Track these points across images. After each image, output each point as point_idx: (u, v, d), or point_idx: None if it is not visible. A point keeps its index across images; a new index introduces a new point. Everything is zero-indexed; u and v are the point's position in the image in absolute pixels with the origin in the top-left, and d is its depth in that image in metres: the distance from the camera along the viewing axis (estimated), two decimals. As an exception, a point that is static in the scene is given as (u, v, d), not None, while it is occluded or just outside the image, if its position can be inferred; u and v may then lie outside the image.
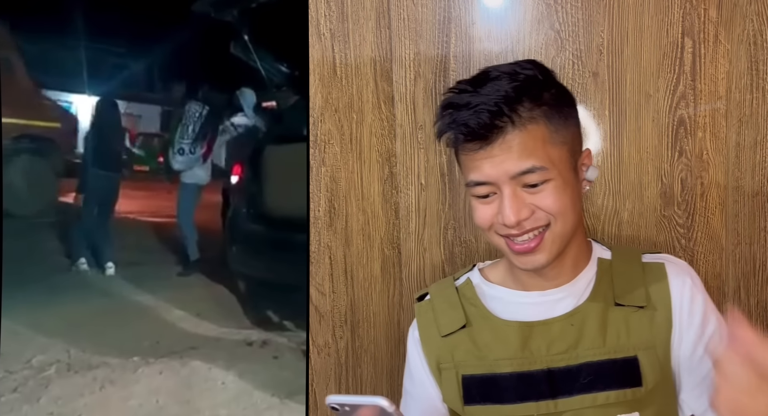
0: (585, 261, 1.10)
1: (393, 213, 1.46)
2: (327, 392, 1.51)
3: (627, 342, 1.03)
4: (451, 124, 0.99)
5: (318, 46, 1.46)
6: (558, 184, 0.98)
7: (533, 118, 0.97)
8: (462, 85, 1.01)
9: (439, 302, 1.15)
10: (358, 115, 1.45)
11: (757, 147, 1.31)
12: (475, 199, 1.03)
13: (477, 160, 0.99)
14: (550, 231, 1.00)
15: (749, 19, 1.30)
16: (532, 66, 1.01)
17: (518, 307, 1.09)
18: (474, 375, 1.08)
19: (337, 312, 1.50)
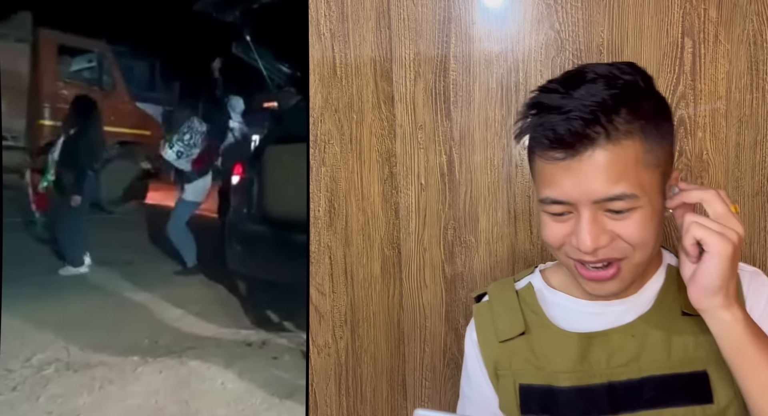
0: (654, 270, 1.03)
1: (393, 213, 1.45)
2: (327, 392, 1.51)
3: (695, 355, 0.96)
4: (537, 127, 0.89)
5: (318, 46, 1.46)
6: (646, 212, 0.89)
7: (630, 133, 0.87)
8: (553, 85, 0.90)
9: (498, 305, 1.09)
10: (358, 115, 1.45)
11: (757, 147, 1.31)
12: (546, 214, 0.94)
13: (557, 173, 0.89)
14: (628, 262, 0.92)
15: (749, 19, 1.30)
16: (633, 70, 0.91)
17: (579, 316, 1.03)
18: (532, 385, 1.02)
19: (337, 312, 1.50)
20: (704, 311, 0.90)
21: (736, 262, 0.88)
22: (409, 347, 1.49)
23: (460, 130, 1.42)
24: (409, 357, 1.49)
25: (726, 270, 0.87)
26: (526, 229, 1.41)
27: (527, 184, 1.40)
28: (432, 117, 1.43)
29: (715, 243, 0.86)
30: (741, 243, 0.88)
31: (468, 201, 1.43)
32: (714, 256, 0.86)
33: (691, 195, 0.92)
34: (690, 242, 0.89)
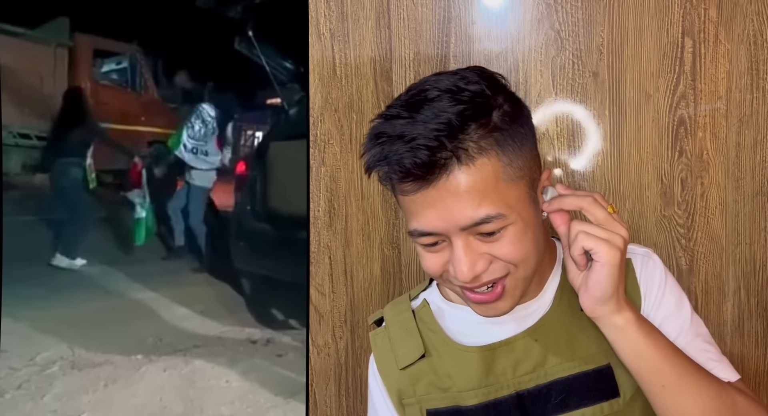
0: (550, 268, 1.01)
1: (393, 214, 1.46)
2: (327, 392, 1.52)
3: (598, 350, 0.95)
4: (382, 161, 0.84)
5: (318, 45, 1.46)
6: (518, 228, 0.85)
7: (483, 150, 0.82)
8: (395, 109, 0.85)
9: (395, 329, 1.05)
10: (358, 115, 1.45)
11: (758, 147, 1.30)
12: (419, 246, 0.90)
13: (418, 205, 0.85)
14: (512, 278, 0.89)
15: (749, 19, 1.30)
16: (478, 77, 0.87)
17: (481, 328, 0.99)
18: (439, 409, 0.99)
19: (337, 313, 1.50)
20: (597, 318, 0.89)
21: (623, 266, 0.87)
22: (409, 347, 1.48)
23: (460, 130, 1.42)
24: (409, 357, 1.48)
25: (616, 276, 0.86)
26: (525, 229, 1.40)
27: (527, 184, 1.39)
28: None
29: (603, 252, 0.85)
30: (626, 245, 0.87)
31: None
32: (604, 266, 0.85)
33: (568, 201, 0.90)
34: (578, 252, 0.87)
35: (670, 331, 0.93)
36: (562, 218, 0.91)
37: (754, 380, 1.33)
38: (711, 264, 1.34)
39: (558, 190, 0.92)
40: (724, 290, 1.33)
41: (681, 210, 1.34)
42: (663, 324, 0.94)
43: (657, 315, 0.95)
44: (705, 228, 1.33)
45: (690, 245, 1.34)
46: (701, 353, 0.93)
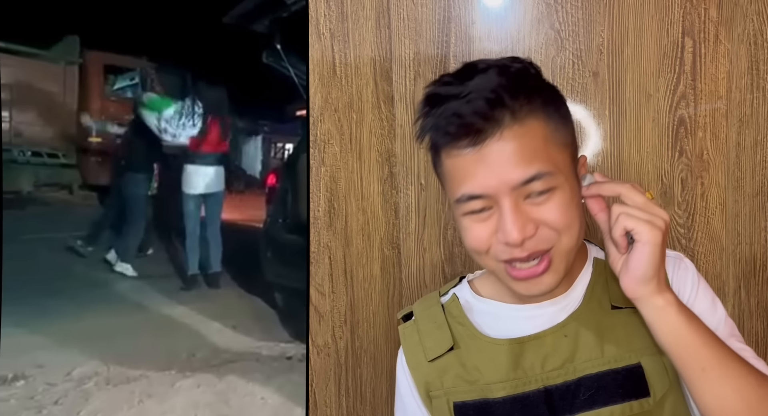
0: (581, 266, 1.01)
1: (393, 213, 1.45)
2: (327, 392, 1.51)
3: (628, 349, 0.95)
4: (439, 118, 0.86)
5: (318, 45, 1.46)
6: (565, 192, 0.87)
7: (533, 112, 0.86)
8: (446, 78, 0.89)
9: (424, 323, 1.05)
10: (358, 115, 1.45)
11: (757, 147, 1.30)
12: (466, 217, 0.90)
13: (469, 166, 0.86)
14: (557, 250, 0.89)
15: (749, 19, 1.30)
16: (521, 61, 0.91)
17: (511, 322, 1.00)
18: (466, 401, 0.98)
19: (337, 313, 1.49)
20: (638, 299, 0.88)
21: (664, 248, 0.88)
22: (409, 347, 1.48)
23: (460, 130, 1.42)
24: (409, 358, 1.48)
25: (658, 256, 0.86)
26: (526, 229, 1.40)
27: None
28: (432, 117, 1.43)
29: (645, 231, 0.85)
30: (668, 228, 0.87)
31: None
32: (646, 245, 0.85)
33: (607, 187, 0.91)
34: (620, 233, 0.87)
35: None
36: (599, 204, 0.93)
37: (754, 380, 1.33)
38: (711, 264, 1.34)
39: (596, 177, 0.94)
40: (724, 290, 1.33)
41: (681, 211, 1.34)
42: None
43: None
44: (705, 228, 1.33)
45: (690, 245, 1.34)
46: (738, 352, 0.90)
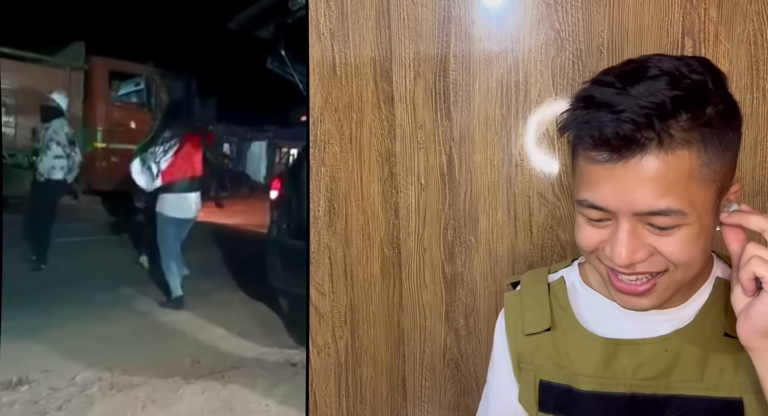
0: (701, 283, 0.94)
1: (393, 213, 1.45)
2: (327, 392, 1.51)
3: (732, 381, 0.89)
4: (584, 124, 0.80)
5: (318, 45, 1.46)
6: (693, 230, 0.80)
7: (687, 142, 0.77)
8: (609, 77, 0.81)
9: (528, 297, 1.03)
10: (358, 115, 1.45)
11: (757, 147, 1.30)
12: (582, 217, 0.86)
13: (599, 176, 0.80)
14: (667, 277, 0.84)
15: (749, 19, 1.30)
16: (704, 69, 0.81)
17: (611, 320, 0.96)
18: (552, 382, 0.98)
19: (337, 313, 1.49)
20: (752, 350, 0.82)
21: None
22: (409, 347, 1.48)
23: (460, 130, 1.42)
24: (409, 358, 1.48)
25: None
26: (526, 229, 1.40)
27: (527, 183, 1.39)
28: (432, 117, 1.43)
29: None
30: None
31: (468, 201, 1.43)
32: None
33: (752, 221, 0.83)
34: (748, 277, 0.80)
35: None
36: (736, 235, 0.85)
37: (754, 380, 1.33)
38: (711, 264, 1.33)
39: (742, 207, 0.86)
40: (724, 290, 1.33)
41: (681, 210, 1.33)
42: None
43: None
44: (705, 228, 1.33)
45: (690, 245, 1.34)
46: None
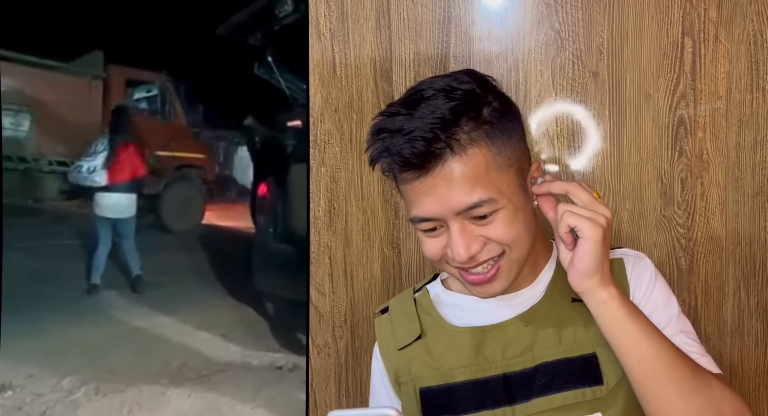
0: (544, 262, 1.08)
1: (393, 214, 1.45)
2: (327, 392, 1.51)
3: (585, 339, 1.01)
4: (384, 153, 0.93)
5: (318, 46, 1.46)
6: (508, 212, 0.93)
7: (474, 141, 0.91)
8: (394, 108, 0.95)
9: (397, 314, 1.13)
10: (358, 115, 1.45)
11: (757, 147, 1.30)
12: (420, 231, 0.98)
13: (417, 192, 0.93)
14: (506, 259, 0.97)
15: (749, 19, 1.30)
16: (470, 78, 0.96)
17: (476, 314, 1.06)
18: (431, 387, 1.05)
19: (337, 313, 1.50)
20: (583, 293, 0.95)
21: (607, 244, 0.94)
22: (409, 347, 1.48)
23: (460, 130, 1.42)
24: (409, 357, 1.48)
25: (599, 252, 0.92)
26: (526, 229, 1.41)
27: (527, 184, 1.40)
28: (432, 117, 1.43)
29: (587, 228, 0.92)
30: (610, 225, 0.94)
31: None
32: (587, 241, 0.92)
33: (556, 186, 0.98)
34: (564, 230, 0.95)
35: (655, 324, 0.97)
36: (550, 204, 1.00)
37: (754, 380, 1.33)
38: (711, 264, 1.34)
39: (546, 178, 1.01)
40: (724, 290, 1.33)
41: (681, 211, 1.34)
42: (649, 317, 0.98)
43: (644, 309, 0.99)
44: (705, 229, 1.33)
45: (690, 245, 1.34)
46: (684, 346, 0.97)
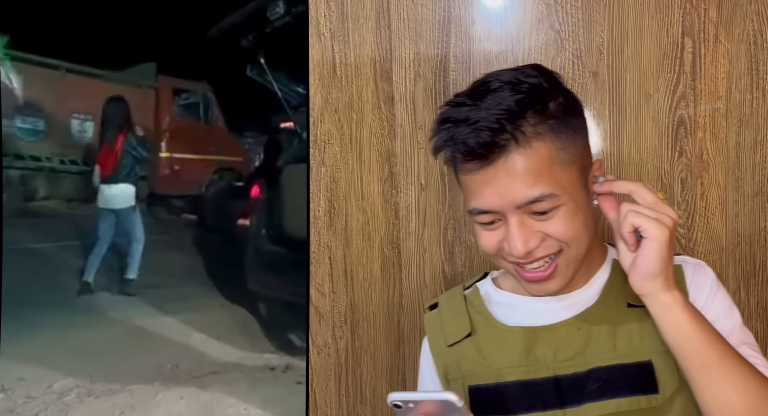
0: (599, 265, 1.05)
1: (393, 213, 1.45)
2: (327, 392, 1.51)
3: (640, 346, 0.97)
4: (449, 142, 0.91)
5: (318, 46, 1.46)
6: (569, 208, 0.91)
7: (539, 135, 0.89)
8: (461, 98, 0.93)
9: (447, 311, 1.11)
10: (358, 115, 1.45)
11: (757, 147, 1.31)
12: (477, 224, 0.96)
13: (478, 184, 0.91)
14: (564, 257, 0.94)
15: (749, 19, 1.30)
16: (537, 72, 0.94)
17: (527, 314, 1.04)
18: (480, 385, 1.03)
19: (337, 313, 1.49)
20: (645, 295, 0.92)
21: (672, 246, 0.90)
22: (409, 347, 1.48)
23: (460, 130, 1.42)
24: (409, 357, 1.48)
25: (665, 254, 0.89)
26: (526, 229, 1.41)
27: (527, 184, 1.40)
28: (432, 117, 1.43)
29: (652, 228, 0.88)
30: (676, 227, 0.90)
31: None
32: (653, 241, 0.88)
33: (619, 185, 0.95)
34: (628, 230, 0.91)
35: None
36: (611, 204, 0.96)
37: (754, 380, 1.33)
38: (711, 264, 1.32)
39: (608, 177, 0.98)
40: (724, 290, 1.33)
41: (681, 211, 1.34)
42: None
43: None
44: (705, 229, 1.33)
45: (690, 245, 1.34)
46: (749, 358, 0.92)
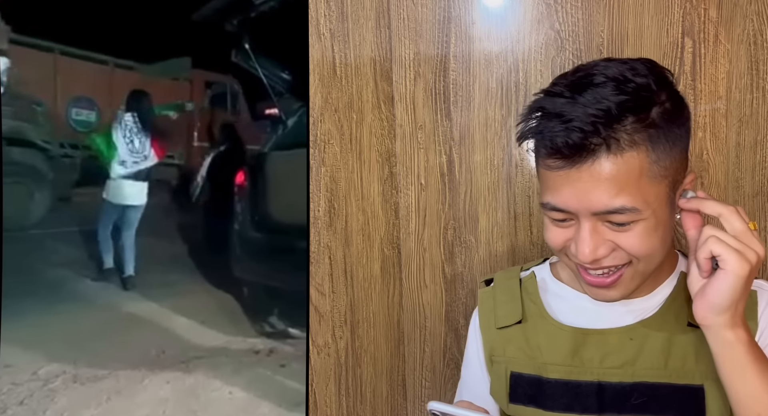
0: (666, 275, 0.99)
1: (393, 213, 1.46)
2: (327, 392, 1.51)
3: (694, 369, 0.92)
4: (537, 134, 0.86)
5: (318, 46, 1.47)
6: (649, 224, 0.84)
7: (634, 144, 0.81)
8: (559, 88, 0.85)
9: (501, 292, 1.08)
10: (358, 115, 1.46)
11: (757, 147, 1.30)
12: (547, 218, 0.91)
13: (557, 181, 0.85)
14: (632, 269, 0.89)
15: (749, 19, 1.30)
16: (648, 70, 0.85)
17: (580, 311, 1.00)
18: (522, 373, 1.01)
19: (337, 313, 1.49)
20: (707, 327, 0.86)
21: (750, 283, 0.84)
22: (409, 347, 1.48)
23: (460, 130, 1.42)
24: (409, 357, 1.48)
25: (739, 290, 0.82)
26: (526, 229, 1.40)
27: (527, 183, 1.40)
28: (432, 117, 1.43)
29: (732, 261, 0.81)
30: (759, 264, 0.83)
31: (468, 201, 1.43)
32: (729, 274, 0.82)
33: (709, 206, 0.87)
34: (705, 256, 0.84)
35: None
36: (694, 221, 0.90)
37: (755, 381, 1.32)
38: (711, 264, 1.33)
39: (699, 194, 0.91)
40: (724, 290, 1.33)
41: (681, 210, 1.33)
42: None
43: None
44: (705, 228, 1.33)
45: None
46: None
